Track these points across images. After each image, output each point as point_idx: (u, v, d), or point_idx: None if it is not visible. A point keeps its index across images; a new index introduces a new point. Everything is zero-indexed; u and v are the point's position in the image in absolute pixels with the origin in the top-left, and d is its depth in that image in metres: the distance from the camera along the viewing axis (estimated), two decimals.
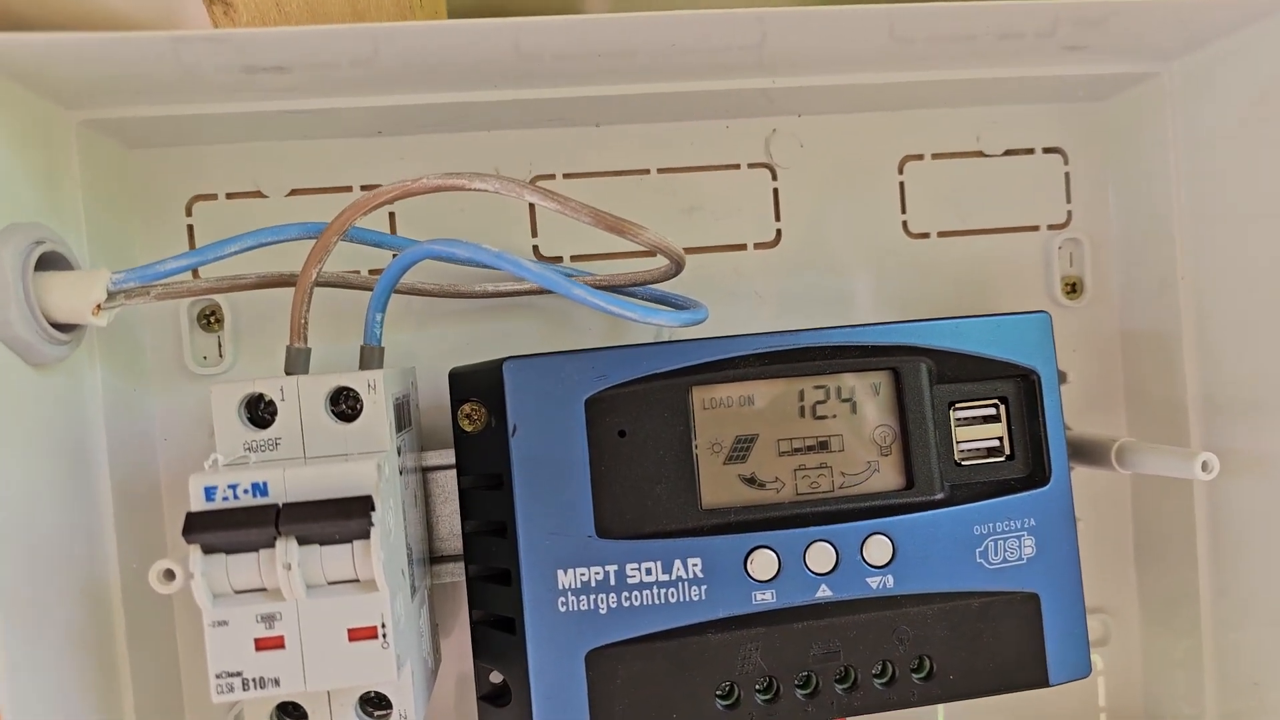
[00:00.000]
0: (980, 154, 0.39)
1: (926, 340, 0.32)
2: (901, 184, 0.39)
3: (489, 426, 0.31)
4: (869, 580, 0.31)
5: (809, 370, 0.32)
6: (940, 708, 0.40)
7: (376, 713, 0.29)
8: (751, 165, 0.38)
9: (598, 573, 0.30)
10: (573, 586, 0.30)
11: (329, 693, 0.28)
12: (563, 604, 0.30)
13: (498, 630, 0.32)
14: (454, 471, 0.33)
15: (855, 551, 0.31)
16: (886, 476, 0.32)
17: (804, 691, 0.31)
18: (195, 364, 0.35)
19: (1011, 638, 0.32)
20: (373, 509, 0.25)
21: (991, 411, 0.33)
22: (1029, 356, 0.33)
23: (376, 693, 0.29)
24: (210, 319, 0.35)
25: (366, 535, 0.26)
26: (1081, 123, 0.40)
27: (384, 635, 0.26)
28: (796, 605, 0.31)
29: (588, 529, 0.30)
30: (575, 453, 0.30)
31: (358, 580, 0.26)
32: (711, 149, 0.38)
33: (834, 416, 0.32)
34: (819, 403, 0.32)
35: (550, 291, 0.31)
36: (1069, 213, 0.40)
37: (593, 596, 0.30)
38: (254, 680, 0.26)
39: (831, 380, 0.32)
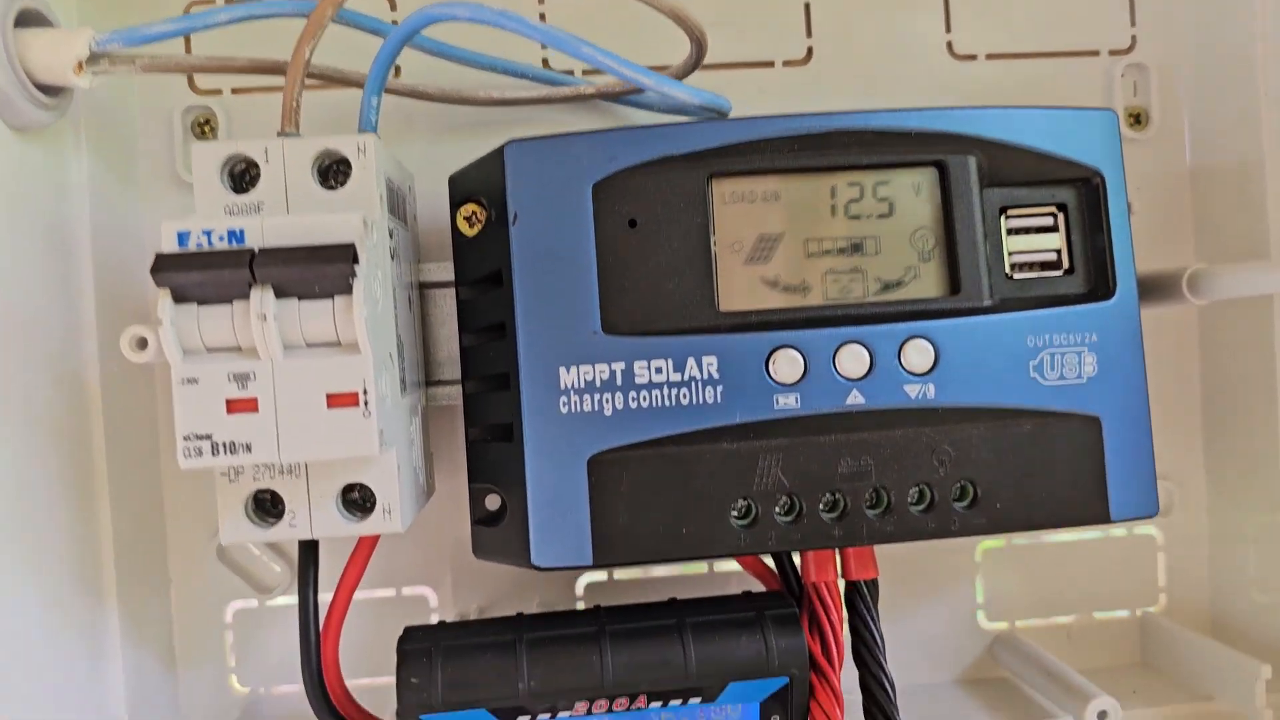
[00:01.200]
0: None
1: (976, 129, 0.29)
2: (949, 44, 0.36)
3: (489, 224, 0.29)
4: (907, 388, 0.28)
5: (841, 163, 0.29)
6: (980, 555, 0.37)
7: (359, 511, 0.27)
8: (787, 64, 0.35)
9: (603, 371, 0.27)
10: (575, 386, 0.27)
11: (308, 484, 0.26)
12: (564, 404, 0.27)
13: (494, 442, 0.29)
14: (452, 292, 0.31)
15: (892, 356, 0.28)
16: (927, 283, 0.29)
17: (830, 514, 0.28)
18: (186, 173, 0.33)
19: (1068, 465, 0.28)
20: (356, 260, 0.23)
21: (1048, 221, 0.30)
22: (1092, 156, 0.29)
23: (360, 491, 0.27)
24: (205, 127, 0.34)
25: (348, 289, 0.23)
26: None
27: (365, 403, 0.24)
28: (824, 413, 0.28)
29: (593, 324, 0.27)
30: (581, 243, 0.28)
31: (339, 344, 0.24)
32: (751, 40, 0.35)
33: (869, 217, 0.29)
34: (852, 201, 0.29)
35: (554, 101, 0.29)
36: (1133, 37, 0.36)
37: (597, 397, 0.27)
38: (224, 445, 0.24)
39: (867, 177, 0.29)
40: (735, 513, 0.27)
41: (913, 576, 0.36)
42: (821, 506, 0.28)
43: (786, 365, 0.27)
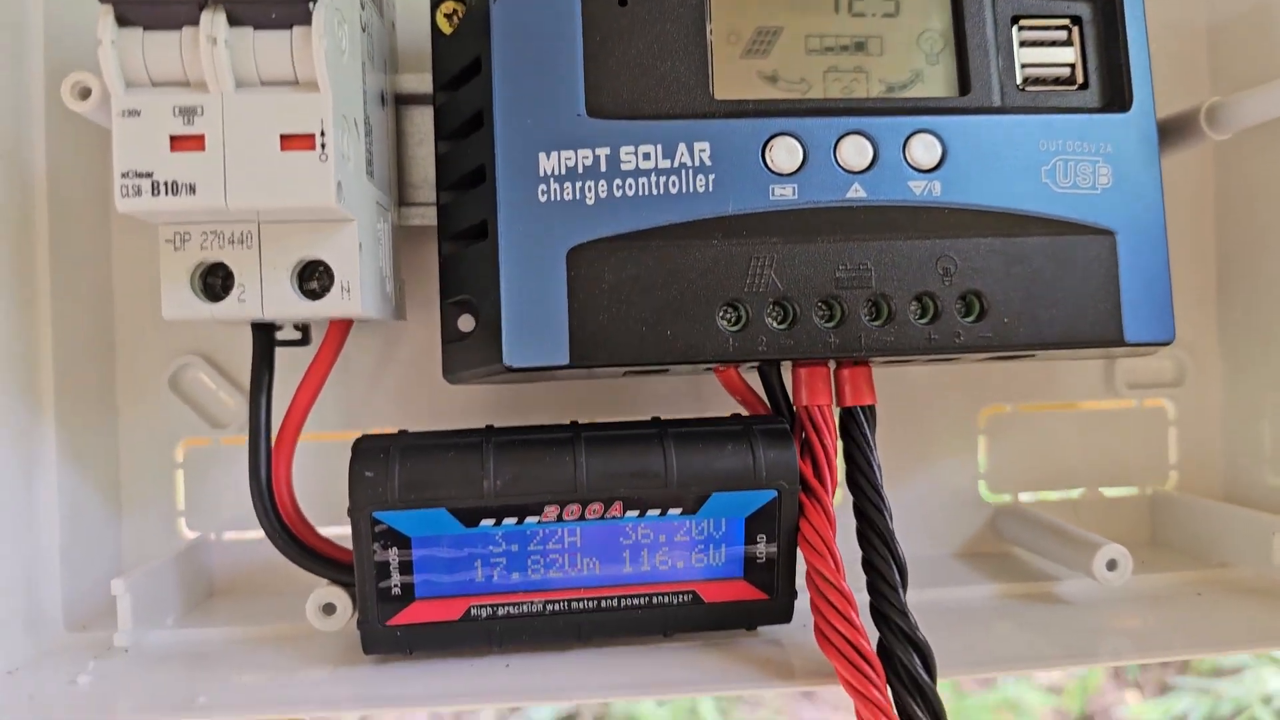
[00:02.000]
0: None
1: None
2: None
3: (470, 14, 0.27)
4: (911, 184, 0.26)
5: None
6: (983, 421, 0.34)
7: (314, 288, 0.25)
8: None
9: (586, 156, 0.25)
10: (555, 173, 0.25)
11: (260, 256, 0.24)
12: (543, 193, 0.25)
13: (468, 247, 0.27)
14: (430, 111, 0.29)
15: (897, 150, 0.26)
16: (934, 85, 0.27)
17: (826, 321, 0.26)
18: None
19: (1080, 281, 0.26)
20: None
21: (1061, 35, 0.28)
22: None
23: (318, 279, 0.25)
24: None
25: (307, 18, 0.21)
26: None
27: (322, 146, 0.22)
28: (823, 205, 0.26)
29: (577, 107, 0.25)
30: (566, 21, 0.26)
31: (296, 83, 0.22)
32: None
33: (873, 15, 0.27)
34: None
35: None
36: None
37: (579, 184, 0.25)
38: (166, 184, 0.22)
39: None
40: (724, 316, 0.25)
41: (911, 444, 0.34)
42: (817, 314, 0.26)
43: (784, 154, 0.26)
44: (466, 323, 0.28)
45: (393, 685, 0.25)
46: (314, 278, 0.25)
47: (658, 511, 0.25)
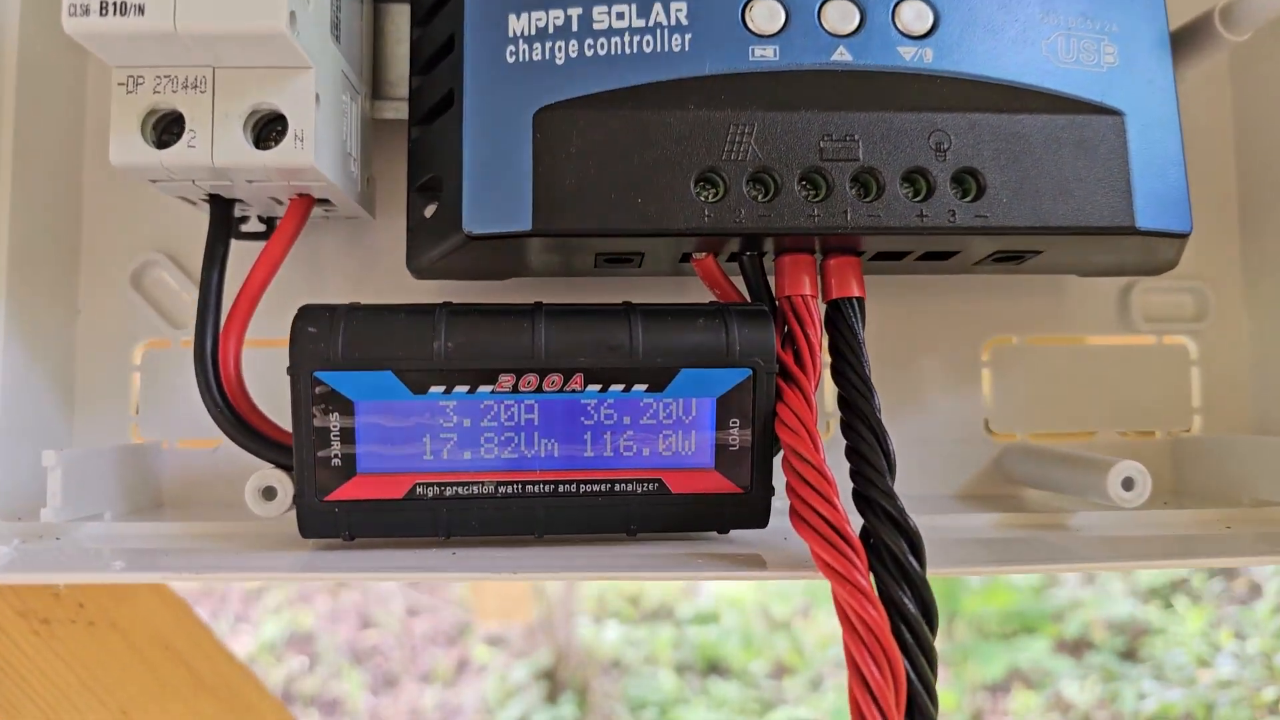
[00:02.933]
0: None
1: None
2: None
3: None
4: (900, 50, 0.24)
5: None
6: (987, 353, 0.32)
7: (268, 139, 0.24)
8: None
9: (557, 16, 0.24)
10: (525, 33, 0.24)
11: (214, 101, 0.23)
12: (511, 54, 0.24)
13: (434, 118, 0.26)
14: (408, 9, 0.29)
15: (885, 13, 0.25)
16: None
17: (810, 193, 0.24)
18: None
19: (1086, 161, 0.25)
20: None
21: None
22: None
23: (274, 130, 0.24)
24: None
25: None
26: None
27: None
28: (805, 68, 0.24)
29: None
30: None
31: None
32: None
33: None
34: None
35: None
36: None
37: (549, 44, 0.24)
38: (115, 4, 0.21)
39: None
40: (700, 185, 0.24)
41: (909, 379, 0.32)
42: (800, 186, 0.24)
43: (765, 14, 0.24)
44: (432, 211, 0.27)
45: (331, 561, 0.23)
46: (271, 138, 0.24)
47: (621, 387, 0.23)
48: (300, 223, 0.26)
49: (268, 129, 0.24)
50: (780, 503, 0.24)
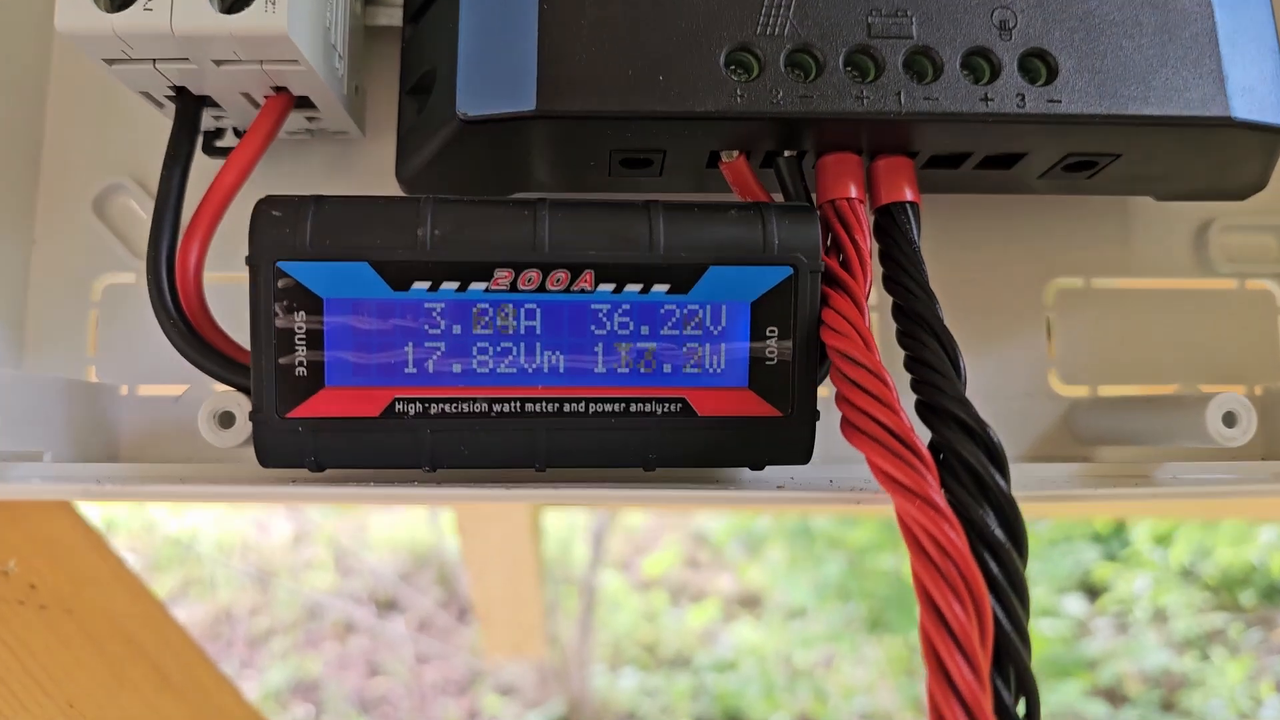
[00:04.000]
0: None
1: None
2: None
3: None
4: None
5: None
6: (1051, 296, 0.28)
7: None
8: None
9: None
10: None
11: None
12: None
13: (428, 8, 0.23)
14: None
15: None
16: None
17: (855, 73, 0.21)
18: None
19: (1169, 45, 0.21)
20: None
21: None
22: None
23: None
24: None
25: None
26: None
27: None
28: None
29: None
30: None
31: None
32: None
33: None
34: None
35: None
36: None
37: None
38: None
39: None
40: (730, 64, 0.21)
41: (961, 325, 0.28)
42: (845, 65, 0.21)
43: None
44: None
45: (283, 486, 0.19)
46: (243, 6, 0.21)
47: (639, 288, 0.20)
48: (276, 122, 0.23)
49: (239, 5, 0.21)
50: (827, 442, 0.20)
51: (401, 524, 1.44)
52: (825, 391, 0.22)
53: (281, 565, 1.41)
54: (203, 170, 0.24)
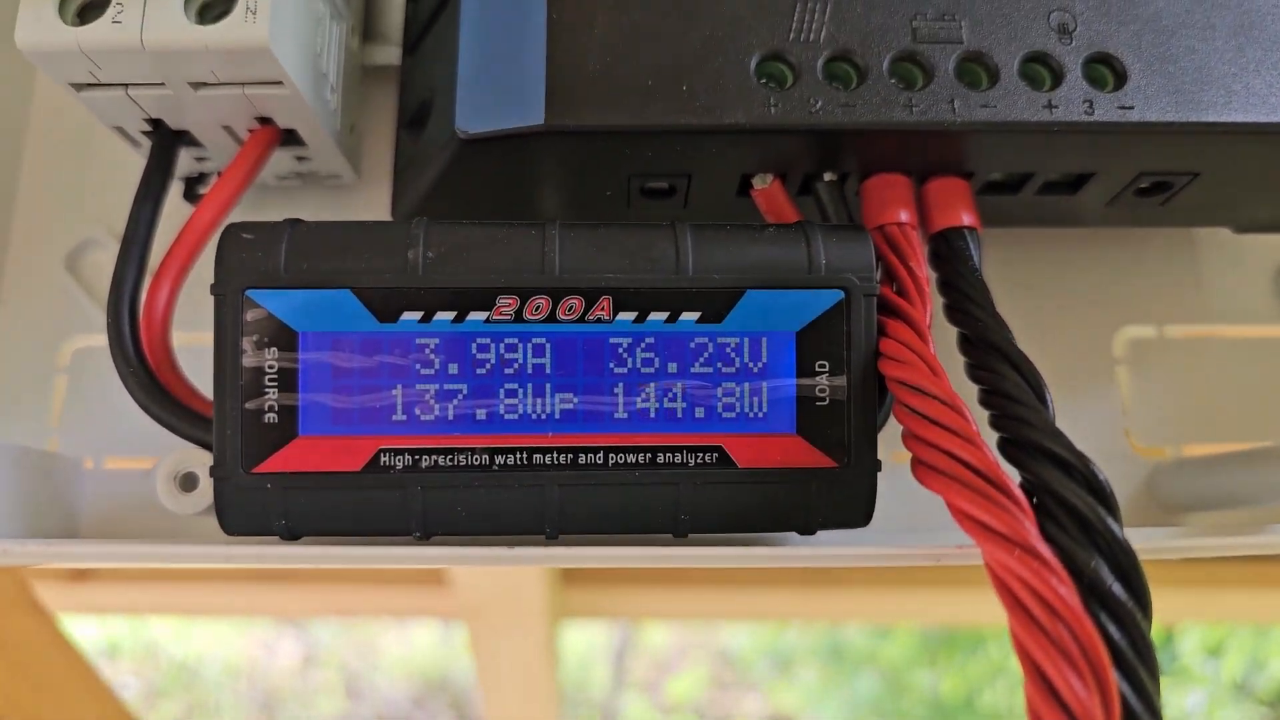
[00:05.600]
0: None
1: None
2: None
3: None
4: None
5: None
6: (1120, 347, 0.25)
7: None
8: None
9: None
10: None
11: None
12: None
13: (427, 33, 0.21)
14: None
15: None
16: None
17: (901, 83, 0.19)
18: None
19: (1246, 49, 0.19)
20: None
21: None
22: None
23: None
24: None
25: None
26: None
27: None
28: None
29: None
30: None
31: None
32: None
33: None
34: None
35: None
36: None
37: None
38: None
39: None
40: (762, 72, 0.19)
41: None
42: (890, 74, 0.19)
43: None
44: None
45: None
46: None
47: (664, 316, 0.17)
48: (261, 157, 0.21)
49: (217, 16, 0.19)
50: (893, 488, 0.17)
51: (414, 645, 1.37)
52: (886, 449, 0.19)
53: (289, 690, 1.33)
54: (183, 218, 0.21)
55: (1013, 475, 0.15)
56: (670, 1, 0.19)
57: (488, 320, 0.17)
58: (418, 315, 0.17)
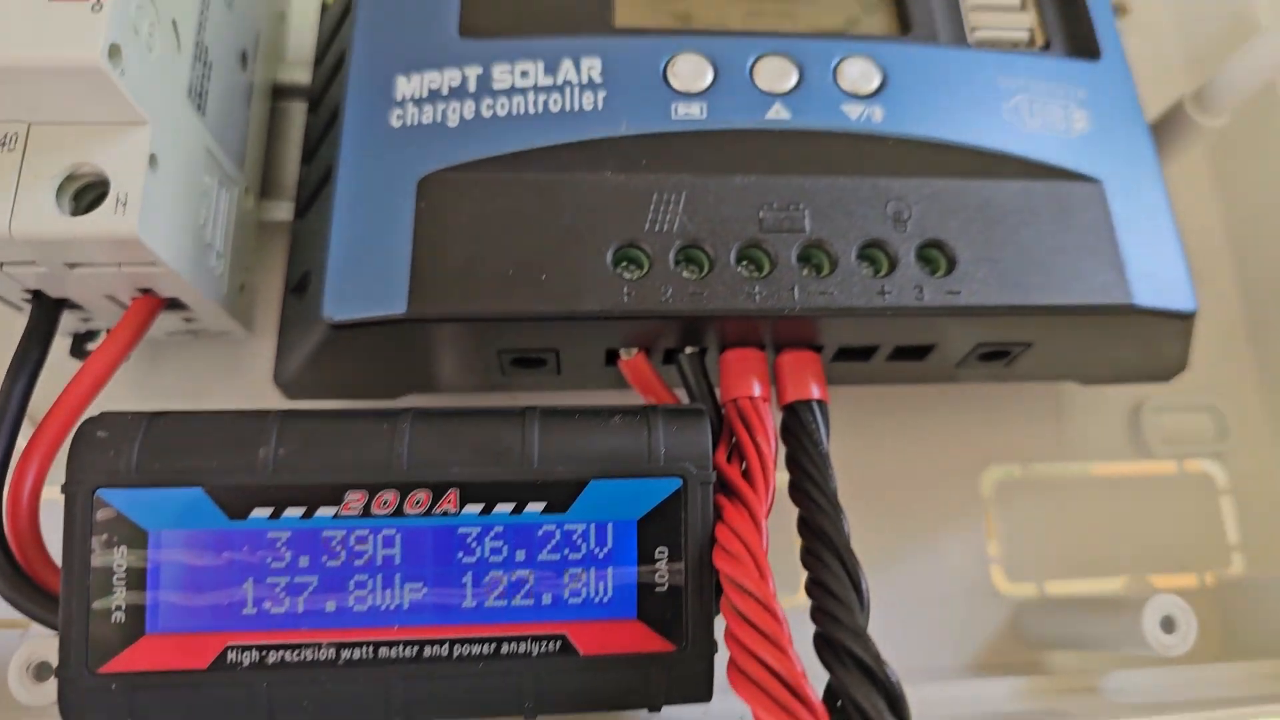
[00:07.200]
0: None
1: None
2: None
3: None
4: (846, 109, 0.21)
5: None
6: (988, 488, 0.26)
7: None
8: None
9: (453, 77, 0.21)
10: (415, 96, 0.21)
11: (23, 160, 0.19)
12: (397, 118, 0.21)
13: (307, 212, 0.22)
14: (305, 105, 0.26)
15: (827, 72, 0.21)
16: (873, 25, 0.23)
17: (750, 267, 0.20)
18: None
19: (1067, 233, 0.21)
20: None
21: (1014, 1, 0.25)
22: None
23: (99, 186, 0.19)
24: None
25: None
26: None
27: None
28: (737, 128, 0.21)
29: (449, 27, 0.22)
30: None
31: None
32: None
33: None
34: None
35: None
36: None
37: (441, 106, 0.21)
38: None
39: None
40: (620, 261, 0.20)
41: (891, 520, 0.26)
42: (737, 261, 0.20)
43: (690, 71, 0.21)
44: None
45: None
46: (90, 195, 0.20)
47: (511, 507, 0.18)
48: (142, 326, 0.22)
49: (98, 201, 0.20)
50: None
51: None
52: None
53: None
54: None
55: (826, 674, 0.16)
56: (534, 190, 0.20)
57: (336, 515, 0.17)
58: (268, 512, 0.17)
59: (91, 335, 0.25)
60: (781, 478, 0.20)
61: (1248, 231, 0.29)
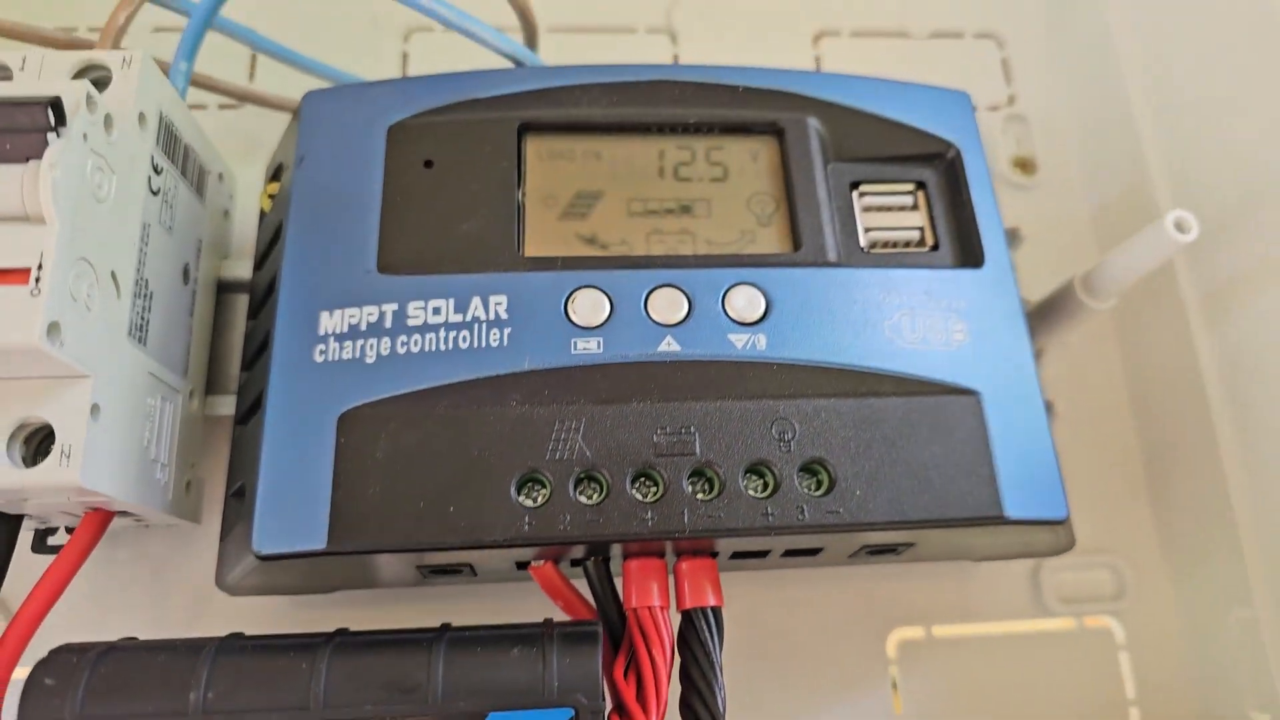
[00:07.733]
0: (904, 35, 0.36)
1: (821, 92, 0.27)
2: (817, 60, 0.36)
3: (283, 185, 0.26)
4: (732, 338, 0.23)
5: (668, 123, 0.26)
6: (893, 649, 0.28)
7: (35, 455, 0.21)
8: (650, 31, 0.35)
9: (371, 314, 0.23)
10: (337, 331, 0.23)
11: None
12: (321, 353, 0.23)
13: (246, 422, 0.24)
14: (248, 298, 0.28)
15: (715, 303, 0.23)
16: (765, 244, 0.25)
17: (647, 492, 0.22)
18: None
19: (942, 446, 0.23)
20: (60, 121, 0.20)
21: (907, 200, 0.27)
22: (947, 130, 0.27)
23: (48, 433, 0.21)
24: None
25: (39, 153, 0.20)
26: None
27: (36, 280, 0.20)
28: (631, 360, 0.23)
29: (367, 264, 0.24)
30: (367, 183, 0.25)
31: (27, 218, 0.20)
32: (606, 7, 0.36)
33: (700, 180, 0.26)
34: (682, 164, 0.26)
35: None
36: (1010, 96, 0.36)
37: (360, 342, 0.23)
38: None
39: (699, 142, 0.26)
40: (523, 490, 0.22)
41: (799, 683, 0.28)
42: (632, 485, 0.22)
43: (588, 307, 0.23)
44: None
45: None
46: (40, 443, 0.22)
47: None
48: (92, 540, 0.24)
49: (45, 444, 0.22)
50: None
51: None
52: None
53: None
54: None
55: None
56: (445, 425, 0.22)
57: None
58: None
59: (52, 530, 0.27)
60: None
61: (1150, 391, 0.31)
